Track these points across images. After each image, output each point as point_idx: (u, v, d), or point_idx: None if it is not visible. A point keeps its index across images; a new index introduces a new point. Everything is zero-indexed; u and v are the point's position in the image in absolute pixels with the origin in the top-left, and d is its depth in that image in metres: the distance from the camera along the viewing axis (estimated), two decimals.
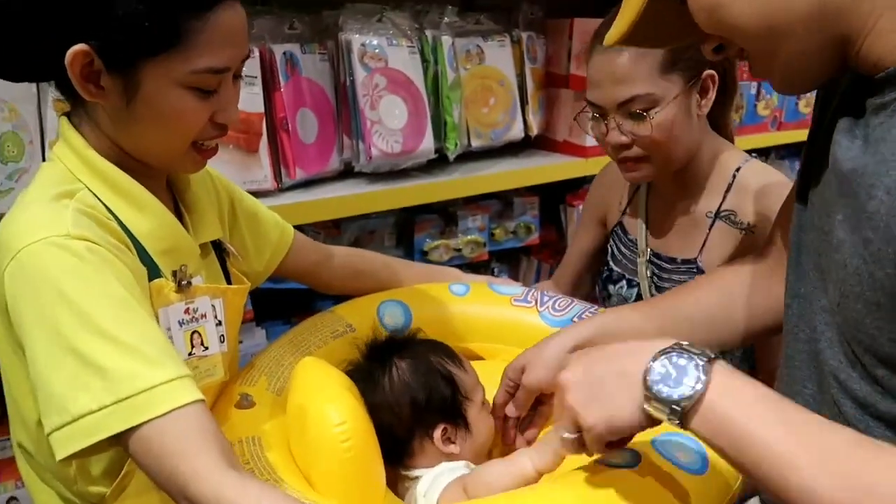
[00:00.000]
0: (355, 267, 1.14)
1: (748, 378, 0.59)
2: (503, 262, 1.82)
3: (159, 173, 0.81)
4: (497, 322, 1.10)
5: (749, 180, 1.08)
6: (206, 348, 0.79)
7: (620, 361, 0.62)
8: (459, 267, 1.69)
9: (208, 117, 0.74)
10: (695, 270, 1.11)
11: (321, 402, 0.78)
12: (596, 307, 1.10)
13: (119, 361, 0.62)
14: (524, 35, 1.61)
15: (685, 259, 1.13)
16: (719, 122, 1.14)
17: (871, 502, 0.50)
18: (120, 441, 0.63)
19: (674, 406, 0.57)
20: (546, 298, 1.12)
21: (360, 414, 0.81)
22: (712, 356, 0.59)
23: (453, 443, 0.89)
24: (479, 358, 1.08)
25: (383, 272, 1.15)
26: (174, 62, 0.69)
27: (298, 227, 1.38)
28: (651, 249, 1.18)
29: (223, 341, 0.82)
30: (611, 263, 1.25)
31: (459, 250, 1.60)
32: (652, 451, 0.73)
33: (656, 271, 1.16)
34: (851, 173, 0.62)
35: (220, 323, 0.81)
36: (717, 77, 1.05)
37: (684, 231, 1.14)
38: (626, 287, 1.21)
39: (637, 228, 1.20)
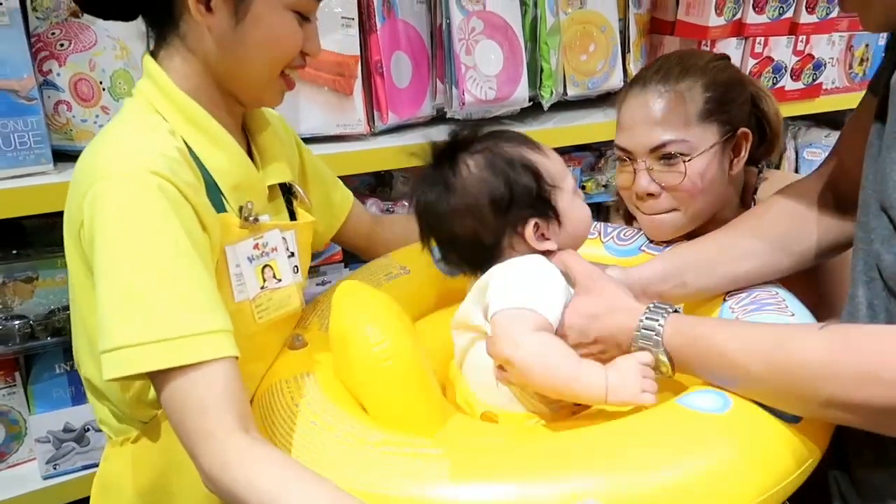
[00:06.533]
0: (404, 234, 1.13)
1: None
2: (593, 215, 1.76)
3: (237, 113, 0.84)
4: None
5: (767, 193, 1.03)
6: (279, 280, 0.81)
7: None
8: None
9: (301, 45, 0.79)
10: None
11: (359, 324, 0.76)
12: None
13: (167, 303, 0.64)
14: None
15: None
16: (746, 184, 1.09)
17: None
18: (154, 381, 0.66)
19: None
20: (609, 229, 1.10)
21: (401, 329, 0.78)
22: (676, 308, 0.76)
23: (548, 238, 0.82)
24: None
25: None
26: None
27: (389, 173, 1.40)
28: None
29: (297, 272, 0.85)
30: None
31: None
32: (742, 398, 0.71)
33: None
34: None
35: (292, 254, 0.83)
36: (750, 136, 1.02)
37: None
38: None
39: None
